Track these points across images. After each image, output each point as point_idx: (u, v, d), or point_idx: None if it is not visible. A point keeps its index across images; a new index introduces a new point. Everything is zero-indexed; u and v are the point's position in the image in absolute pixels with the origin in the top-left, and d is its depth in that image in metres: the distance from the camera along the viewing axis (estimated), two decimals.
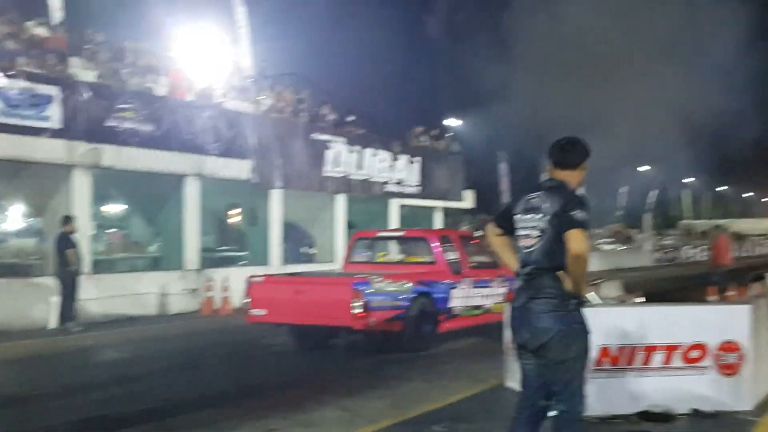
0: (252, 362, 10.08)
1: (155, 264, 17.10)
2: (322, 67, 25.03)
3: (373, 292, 9.40)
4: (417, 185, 22.60)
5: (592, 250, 4.39)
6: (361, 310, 9.22)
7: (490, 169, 33.60)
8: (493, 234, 4.47)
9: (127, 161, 14.64)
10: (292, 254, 19.22)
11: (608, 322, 6.23)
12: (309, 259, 20.13)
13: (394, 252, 12.11)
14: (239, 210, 20.04)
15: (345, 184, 19.97)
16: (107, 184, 15.39)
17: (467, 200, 25.63)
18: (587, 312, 4.13)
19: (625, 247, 38.92)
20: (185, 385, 8.49)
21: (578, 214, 3.93)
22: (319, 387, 8.13)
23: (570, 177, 4.17)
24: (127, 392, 8.14)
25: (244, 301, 10.34)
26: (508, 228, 4.31)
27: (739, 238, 38.77)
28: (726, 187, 78.52)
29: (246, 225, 19.85)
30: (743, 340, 6.31)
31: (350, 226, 20.38)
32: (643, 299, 9.09)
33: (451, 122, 33.06)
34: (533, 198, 4.15)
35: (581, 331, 4.08)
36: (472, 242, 11.98)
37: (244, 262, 18.90)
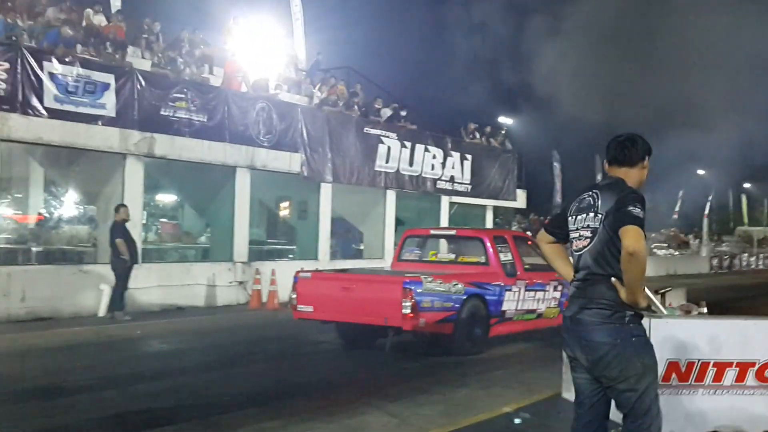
0: (298, 360, 9.88)
1: (205, 255, 17.13)
2: (376, 62, 24.82)
3: (423, 291, 9.10)
4: (468, 183, 22.24)
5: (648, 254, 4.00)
6: (411, 310, 8.92)
7: (542, 169, 32.96)
8: (544, 241, 4.16)
9: (180, 151, 14.64)
10: (340, 249, 19.07)
11: (677, 334, 5.82)
12: (357, 254, 19.96)
13: (445, 251, 11.76)
14: (289, 203, 19.96)
15: (396, 180, 19.72)
16: (159, 173, 15.43)
17: (519, 200, 25.14)
18: (654, 323, 3.77)
19: (680, 253, 37.90)
20: (229, 381, 8.32)
21: (634, 209, 3.56)
22: (367, 389, 7.88)
23: (629, 175, 3.83)
24: (170, 386, 7.99)
25: (291, 296, 10.14)
26: (562, 235, 4.00)
27: None
28: None
29: (295, 218, 19.76)
30: None
31: (398, 222, 20.12)
32: (706, 310, 8.64)
33: (504, 120, 32.54)
34: (586, 197, 3.84)
35: (641, 345, 3.71)
36: (527, 243, 11.62)
37: (292, 255, 18.81)
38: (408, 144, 20.03)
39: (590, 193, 3.83)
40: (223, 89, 16.04)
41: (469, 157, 22.22)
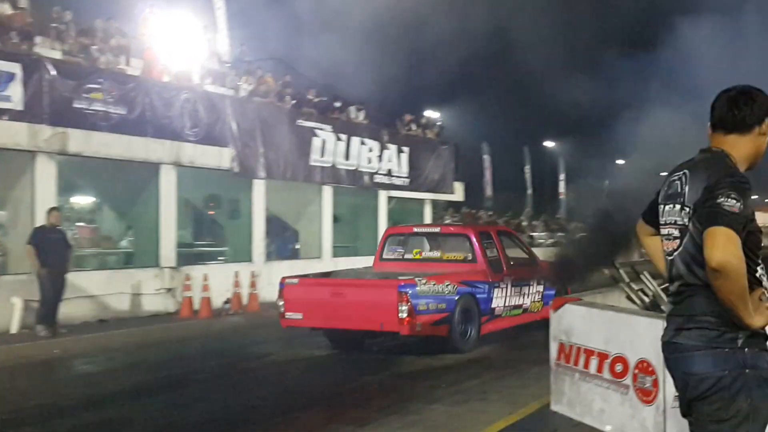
0: (245, 378, 8.77)
1: (128, 260, 15.77)
2: (305, 53, 23.70)
3: (418, 294, 8.86)
4: (406, 177, 21.37)
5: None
6: (408, 314, 8.68)
7: (478, 161, 32.56)
8: (645, 234, 3.21)
9: (97, 147, 13.24)
10: (276, 249, 17.97)
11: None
12: (294, 254, 18.89)
13: (428, 249, 11.23)
14: (219, 201, 18.69)
15: (332, 175, 18.69)
16: (74, 172, 14.00)
17: (457, 193, 24.46)
18: None
19: None
20: (169, 408, 7.20)
21: (726, 202, 2.62)
22: (331, 411, 6.90)
23: (738, 145, 2.86)
24: (99, 419, 6.83)
25: (279, 303, 9.67)
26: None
27: None
28: None
29: (227, 218, 18.52)
30: None
31: (335, 219, 19.15)
32: None
33: (433, 113, 31.84)
34: (675, 179, 2.91)
35: (756, 381, 2.71)
36: (512, 238, 11.88)
37: (224, 258, 17.59)
38: (343, 137, 19.02)
39: (680, 174, 2.89)
40: (144, 79, 14.69)
41: (406, 149, 21.36)
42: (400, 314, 8.64)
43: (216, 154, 15.66)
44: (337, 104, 20.00)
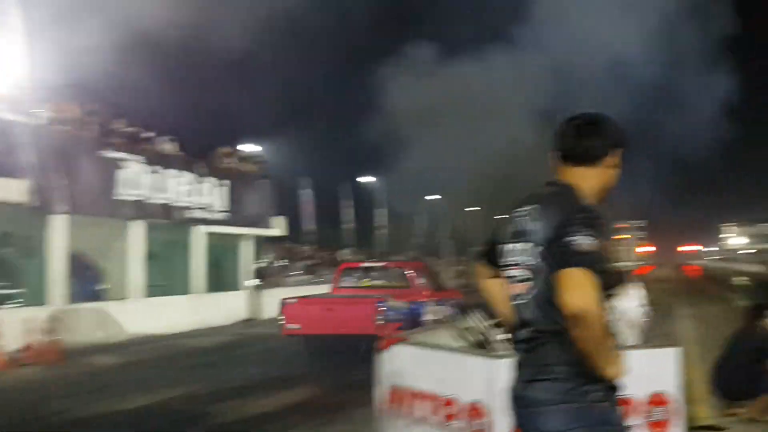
0: None
1: None
2: (114, 81, 22.29)
3: (388, 308, 11.63)
4: (225, 211, 20.52)
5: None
6: (383, 322, 11.19)
7: (302, 195, 32.27)
8: (484, 276, 2.86)
9: None
10: (80, 291, 16.42)
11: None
12: (96, 296, 17.38)
13: (374, 278, 14.19)
14: (10, 239, 16.83)
15: (142, 209, 17.48)
16: None
17: (279, 228, 23.84)
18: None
19: None
20: None
21: (579, 240, 2.35)
22: None
23: (588, 177, 2.61)
24: None
25: (279, 317, 12.31)
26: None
27: None
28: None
29: (21, 257, 16.70)
30: None
31: (151, 256, 17.91)
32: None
33: (256, 147, 31.15)
34: (522, 215, 2.58)
35: None
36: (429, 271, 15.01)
37: (19, 301, 15.80)
38: (156, 169, 17.91)
39: (527, 209, 2.57)
40: None
41: (224, 182, 20.53)
42: (377, 322, 11.25)
43: (9, 187, 14.11)
44: (148, 135, 18.85)
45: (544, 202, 2.54)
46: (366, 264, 15.31)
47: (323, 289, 16.66)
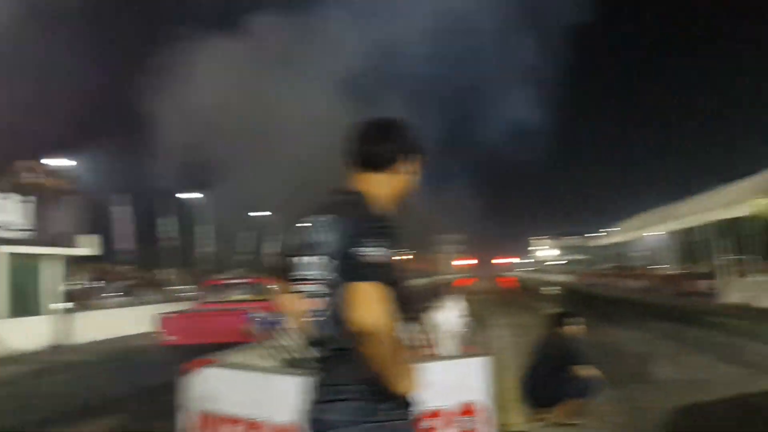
0: None
1: None
2: None
3: (257, 317, 12.75)
4: (28, 229, 18.92)
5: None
6: (250, 330, 12.17)
7: (118, 213, 30.64)
8: (283, 290, 2.65)
9: None
10: None
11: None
12: None
13: (237, 293, 15.68)
14: None
15: None
16: None
17: (89, 246, 22.29)
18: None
19: None
20: None
21: (367, 252, 2.26)
22: None
23: (380, 184, 2.49)
24: None
25: (158, 331, 13.50)
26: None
27: None
28: None
29: None
30: None
31: None
32: None
33: (68, 162, 29.18)
34: (313, 225, 2.43)
35: None
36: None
37: None
38: None
39: (318, 220, 2.41)
40: None
41: (28, 199, 18.93)
42: (244, 330, 12.23)
43: None
44: None
45: (336, 211, 2.39)
46: (229, 281, 17.02)
47: (149, 310, 18.45)
